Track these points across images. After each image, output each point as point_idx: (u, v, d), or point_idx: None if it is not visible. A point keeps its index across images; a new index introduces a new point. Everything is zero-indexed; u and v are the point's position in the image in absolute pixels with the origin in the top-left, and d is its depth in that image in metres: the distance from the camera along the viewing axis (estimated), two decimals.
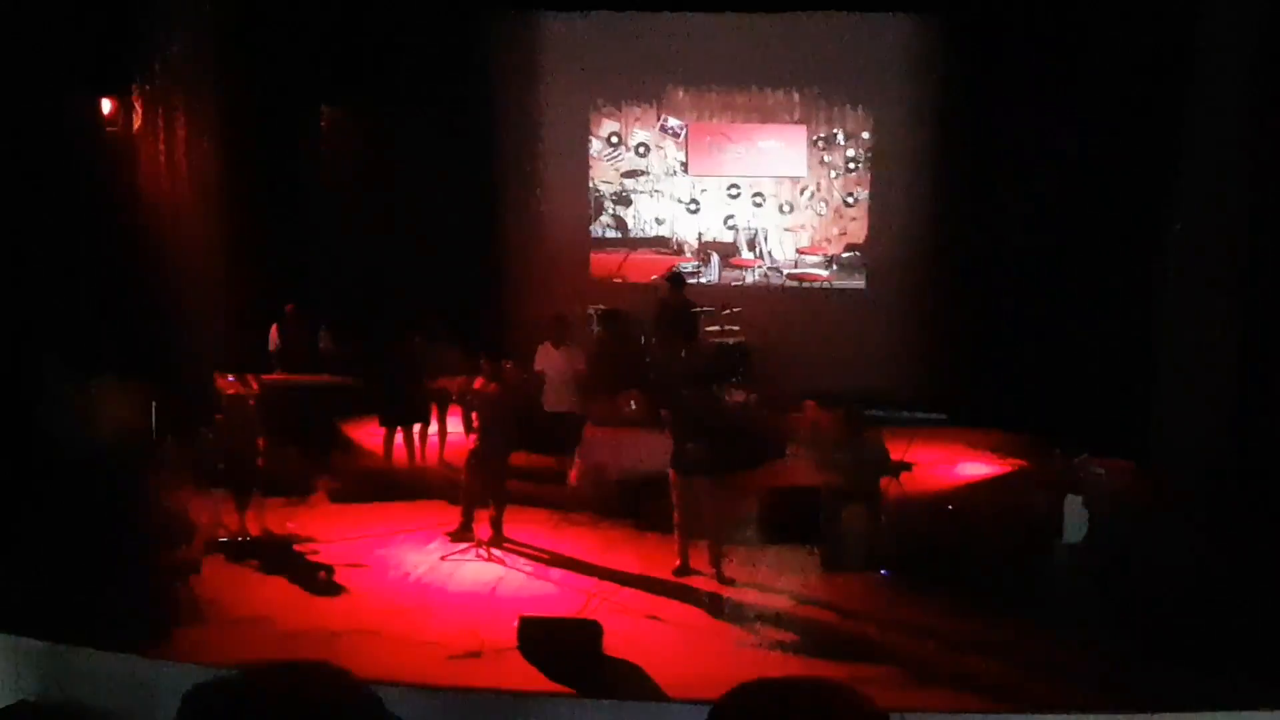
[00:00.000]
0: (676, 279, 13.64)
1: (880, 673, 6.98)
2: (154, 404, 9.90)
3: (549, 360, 11.29)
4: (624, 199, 16.00)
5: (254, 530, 9.29)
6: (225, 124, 12.67)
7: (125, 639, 6.28)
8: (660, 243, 15.97)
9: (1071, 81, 12.76)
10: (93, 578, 7.46)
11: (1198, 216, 10.91)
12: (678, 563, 8.90)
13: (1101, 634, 7.61)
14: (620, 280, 15.60)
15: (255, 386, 10.49)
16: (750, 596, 8.56)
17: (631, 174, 15.94)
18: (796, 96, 15.41)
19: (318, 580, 8.61)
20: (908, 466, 9.72)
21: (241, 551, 8.98)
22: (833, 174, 15.53)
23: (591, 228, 16.06)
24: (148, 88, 11.96)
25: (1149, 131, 11.59)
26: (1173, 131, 11.12)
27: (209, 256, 12.54)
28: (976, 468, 12.15)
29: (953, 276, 14.28)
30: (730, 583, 8.73)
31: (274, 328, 12.25)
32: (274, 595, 8.35)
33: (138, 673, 5.79)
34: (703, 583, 8.74)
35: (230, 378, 10.55)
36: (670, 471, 9.02)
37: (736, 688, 1.60)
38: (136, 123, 11.86)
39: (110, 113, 11.60)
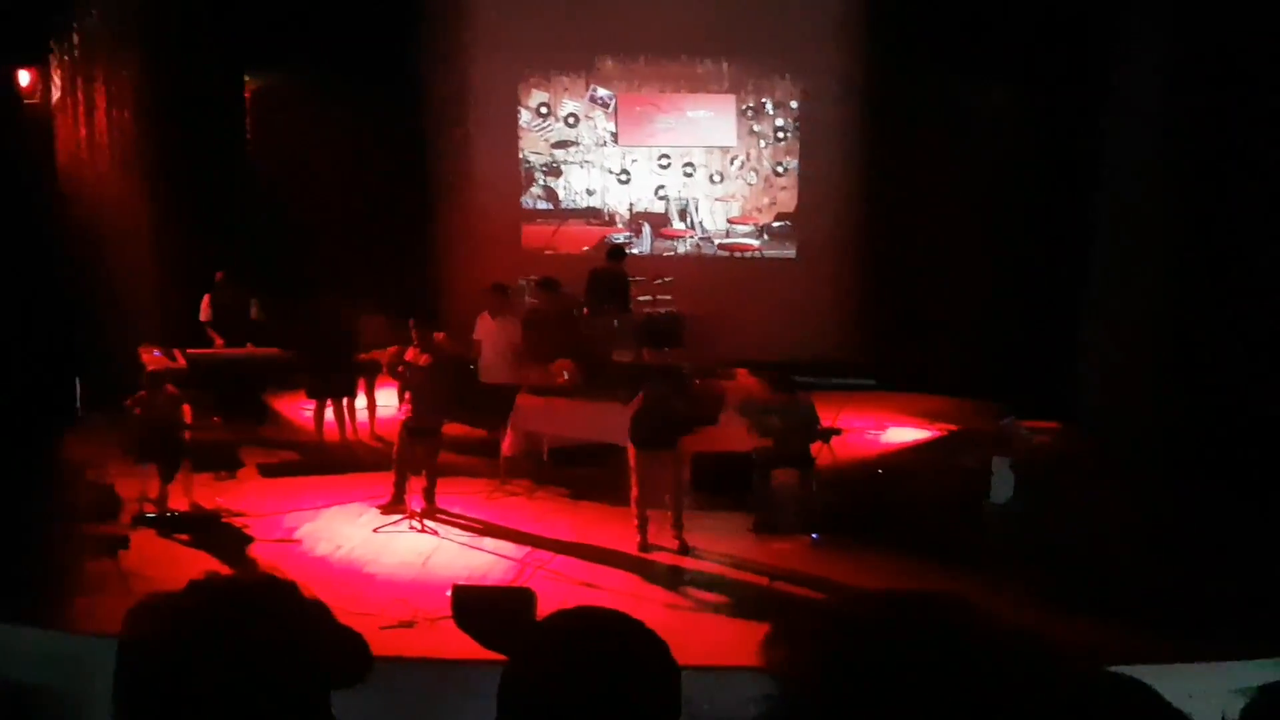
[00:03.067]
0: (616, 251, 13.61)
1: None
2: (77, 378, 9.74)
3: (486, 331, 11.23)
4: (554, 170, 15.94)
5: (182, 505, 9.17)
6: (148, 93, 12.46)
7: (50, 615, 6.20)
8: (591, 214, 15.94)
9: (998, 49, 12.91)
10: (14, 553, 7.36)
11: (1121, 181, 11.10)
12: (639, 538, 8.82)
13: (1029, 590, 7.75)
14: (552, 252, 15.56)
15: (180, 360, 10.36)
16: (683, 561, 8.62)
17: (561, 145, 15.88)
18: (725, 66, 15.43)
19: (248, 554, 8.54)
20: (838, 431, 9.83)
21: (170, 526, 8.86)
22: (762, 143, 15.59)
23: (522, 199, 15.98)
24: (67, 58, 11.70)
25: (1075, 98, 11.77)
26: (1099, 98, 11.29)
27: (132, 228, 12.36)
28: (906, 432, 12.33)
29: (882, 245, 14.41)
30: (694, 552, 8.73)
31: (206, 297, 12.09)
32: (204, 569, 8.24)
33: (65, 648, 5.71)
34: (633, 548, 8.78)
35: (155, 351, 10.42)
36: (629, 446, 8.98)
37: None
38: (56, 93, 11.61)
39: (28, 85, 11.33)
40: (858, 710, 0.87)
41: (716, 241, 15.84)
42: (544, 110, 15.80)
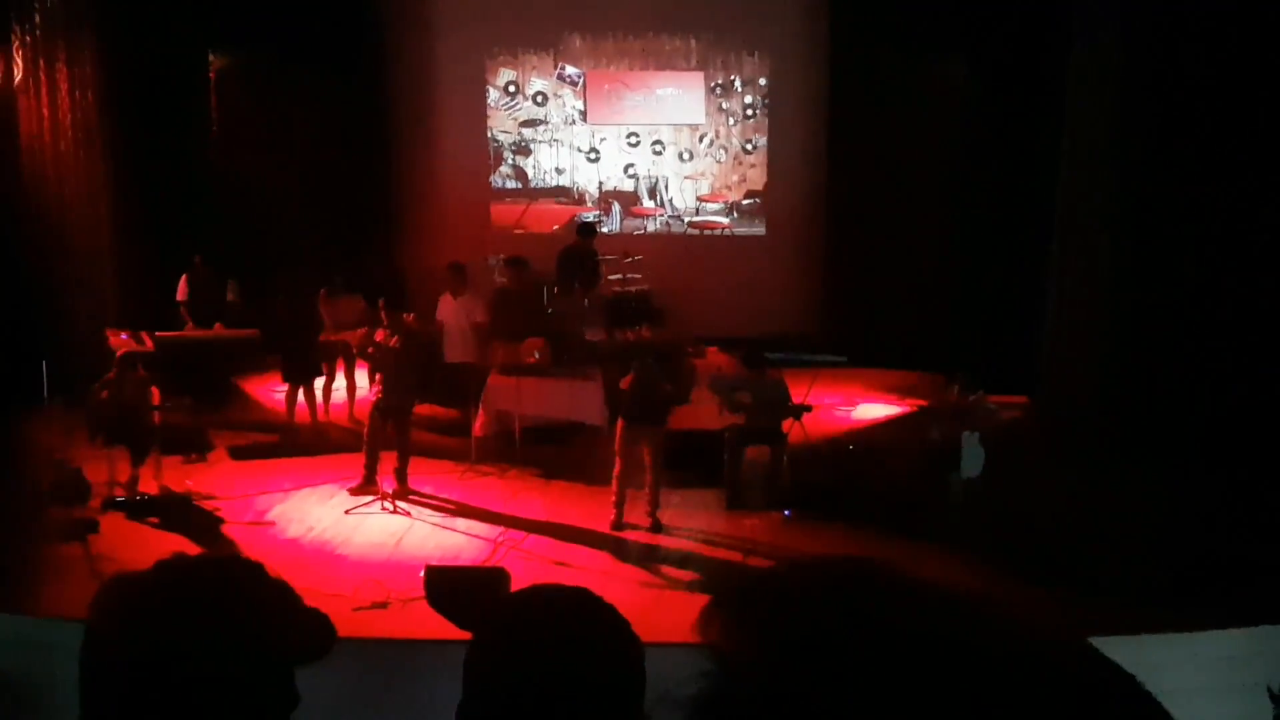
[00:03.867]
0: (586, 228, 13.62)
1: None
2: (43, 362, 9.66)
3: (447, 311, 11.24)
4: (523, 149, 15.89)
5: (152, 488, 9.13)
6: (111, 73, 12.33)
7: (19, 599, 6.17)
8: (561, 192, 15.92)
9: (963, 26, 12.96)
10: None
11: (1081, 156, 11.17)
12: (612, 513, 8.84)
13: (998, 562, 7.84)
14: (521, 231, 15.53)
15: (149, 342, 10.29)
16: (656, 539, 8.66)
17: (530, 123, 15.83)
18: (693, 43, 15.41)
19: (219, 536, 8.51)
20: (809, 408, 9.86)
21: (140, 510, 8.82)
22: (731, 121, 15.59)
23: (491, 178, 15.94)
24: (29, 38, 11.56)
25: (1037, 77, 11.83)
26: (1060, 76, 11.35)
27: (96, 210, 12.26)
28: (875, 407, 12.40)
29: (850, 222, 14.46)
30: (666, 530, 8.76)
31: (183, 279, 11.97)
32: (174, 552, 8.21)
33: (31, 633, 5.69)
34: (605, 527, 8.81)
35: (123, 334, 10.35)
36: (618, 421, 8.97)
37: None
38: (17, 75, 11.47)
39: None
40: (789, 679, 0.87)
41: (686, 219, 15.85)
42: (512, 89, 15.73)
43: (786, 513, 9.09)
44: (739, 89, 15.49)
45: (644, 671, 1.58)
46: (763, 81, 15.42)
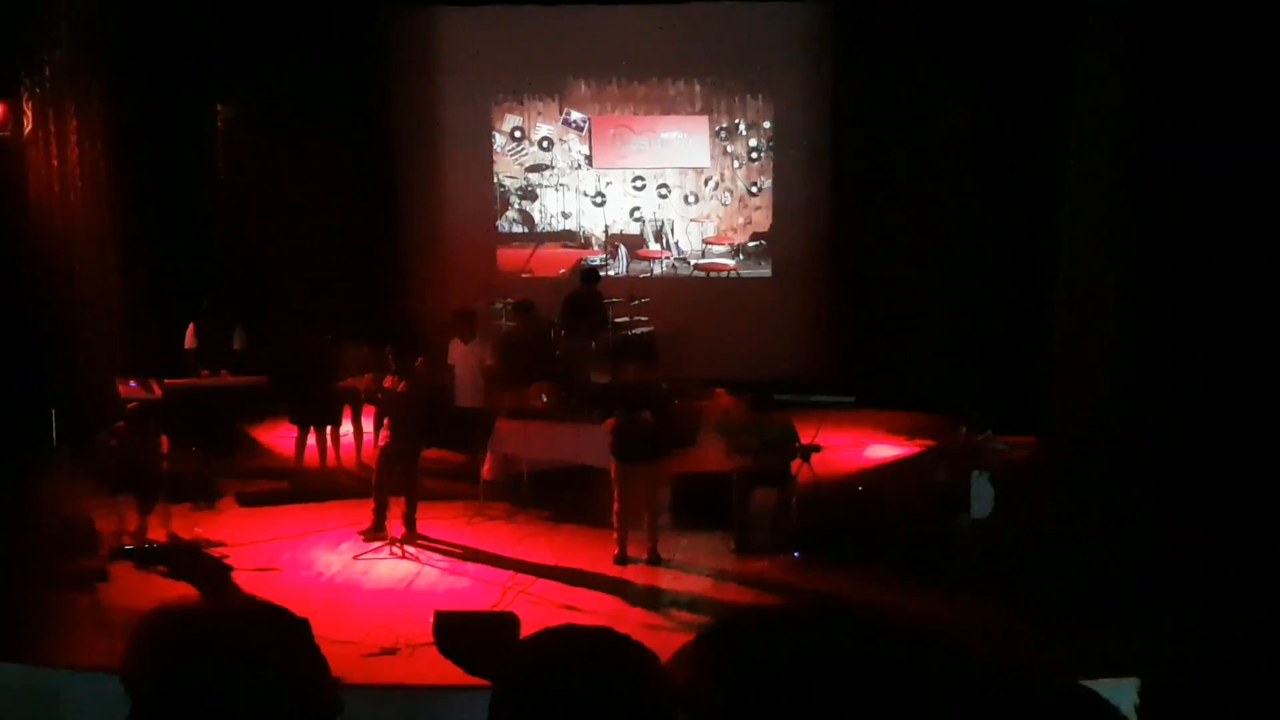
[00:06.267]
0: (590, 274, 13.68)
1: None
2: (53, 410, 9.68)
3: (458, 356, 11.27)
4: (529, 193, 15.97)
5: (160, 536, 9.12)
6: (119, 124, 12.43)
7: (28, 650, 6.15)
8: (567, 236, 15.98)
9: (967, 67, 13.03)
10: None
11: (1088, 197, 11.20)
12: (616, 550, 8.93)
13: (1007, 601, 7.80)
14: (528, 274, 15.57)
15: (157, 390, 10.32)
16: (665, 581, 8.64)
17: (536, 168, 15.92)
18: (697, 87, 15.50)
19: (228, 584, 8.49)
20: (817, 449, 9.84)
21: (149, 558, 8.81)
22: (736, 164, 15.66)
23: (498, 223, 16.01)
24: (38, 90, 11.68)
25: (1042, 115, 11.89)
26: (1065, 115, 11.41)
27: (107, 260, 12.31)
28: (884, 448, 12.36)
29: (856, 262, 14.48)
30: (665, 564, 8.85)
31: (190, 326, 11.92)
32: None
33: (40, 683, 5.67)
34: (616, 571, 8.79)
35: (131, 383, 10.38)
36: (611, 461, 9.06)
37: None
38: (27, 127, 11.58)
39: None
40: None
41: (692, 262, 15.89)
42: (518, 134, 15.84)
43: (795, 554, 9.05)
44: (743, 132, 15.57)
45: (674, 705, 1.55)
46: (767, 124, 15.50)
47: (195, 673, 1.46)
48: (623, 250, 15.92)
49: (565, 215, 15.97)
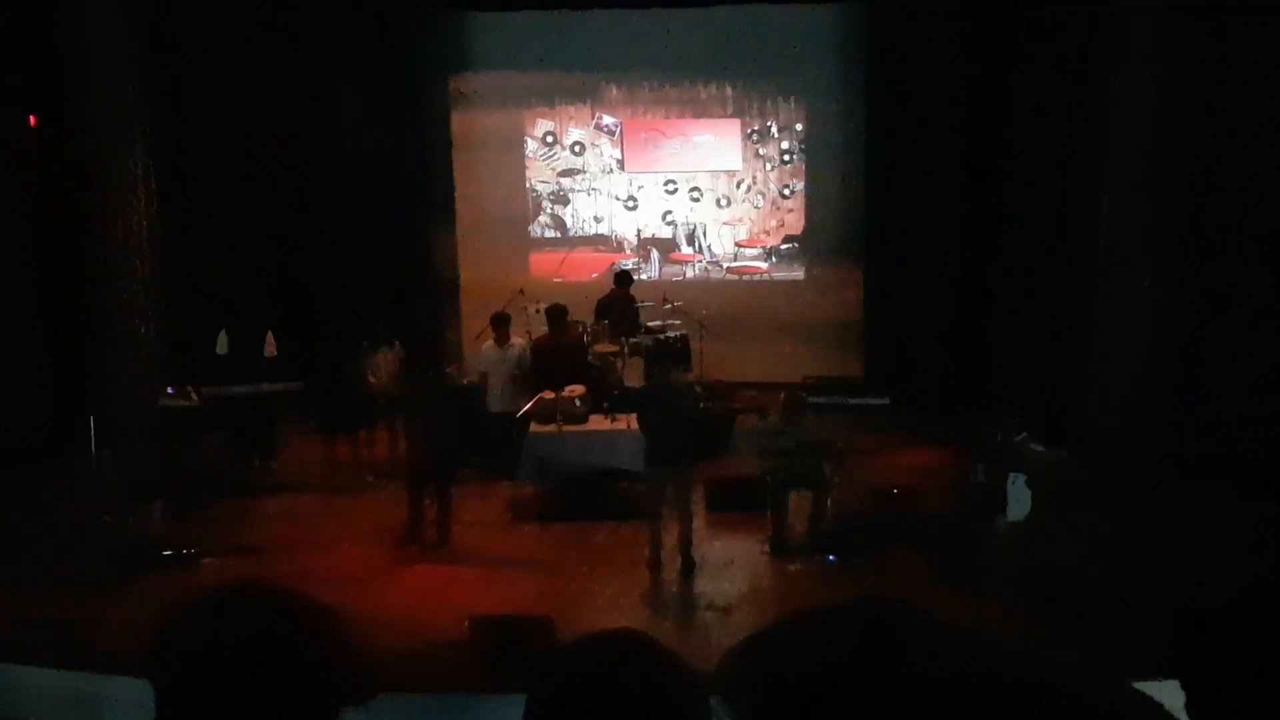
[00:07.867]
0: (623, 276, 13.68)
1: None
2: (92, 418, 9.77)
3: (492, 361, 11.28)
4: (561, 198, 15.99)
5: (196, 541, 9.17)
6: (164, 129, 12.53)
7: (63, 654, 6.20)
8: (600, 241, 15.99)
9: (999, 65, 12.94)
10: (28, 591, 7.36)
11: (1126, 201, 11.08)
12: (649, 554, 8.87)
13: (1045, 604, 7.72)
14: (561, 279, 15.58)
15: (196, 397, 10.39)
16: (700, 585, 8.60)
17: (568, 173, 15.94)
18: (729, 90, 15.48)
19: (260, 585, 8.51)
20: (851, 451, 9.79)
21: (184, 562, 8.86)
22: (768, 166, 15.62)
23: (530, 228, 16.04)
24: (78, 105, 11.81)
25: (1078, 118, 11.77)
26: (1101, 119, 11.29)
27: (147, 268, 12.40)
28: (919, 451, 12.27)
29: (889, 264, 14.41)
30: (699, 567, 8.79)
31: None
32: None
33: (77, 687, 5.71)
34: (649, 574, 8.76)
35: (170, 389, 10.46)
36: (644, 464, 9.06)
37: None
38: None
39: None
40: None
41: (725, 265, 15.86)
42: (550, 139, 15.86)
43: (831, 557, 9.00)
44: (775, 135, 15.53)
45: (708, 714, 1.53)
46: (799, 127, 15.46)
47: (215, 655, 1.47)
48: (655, 254, 15.91)
49: (597, 219, 15.98)
